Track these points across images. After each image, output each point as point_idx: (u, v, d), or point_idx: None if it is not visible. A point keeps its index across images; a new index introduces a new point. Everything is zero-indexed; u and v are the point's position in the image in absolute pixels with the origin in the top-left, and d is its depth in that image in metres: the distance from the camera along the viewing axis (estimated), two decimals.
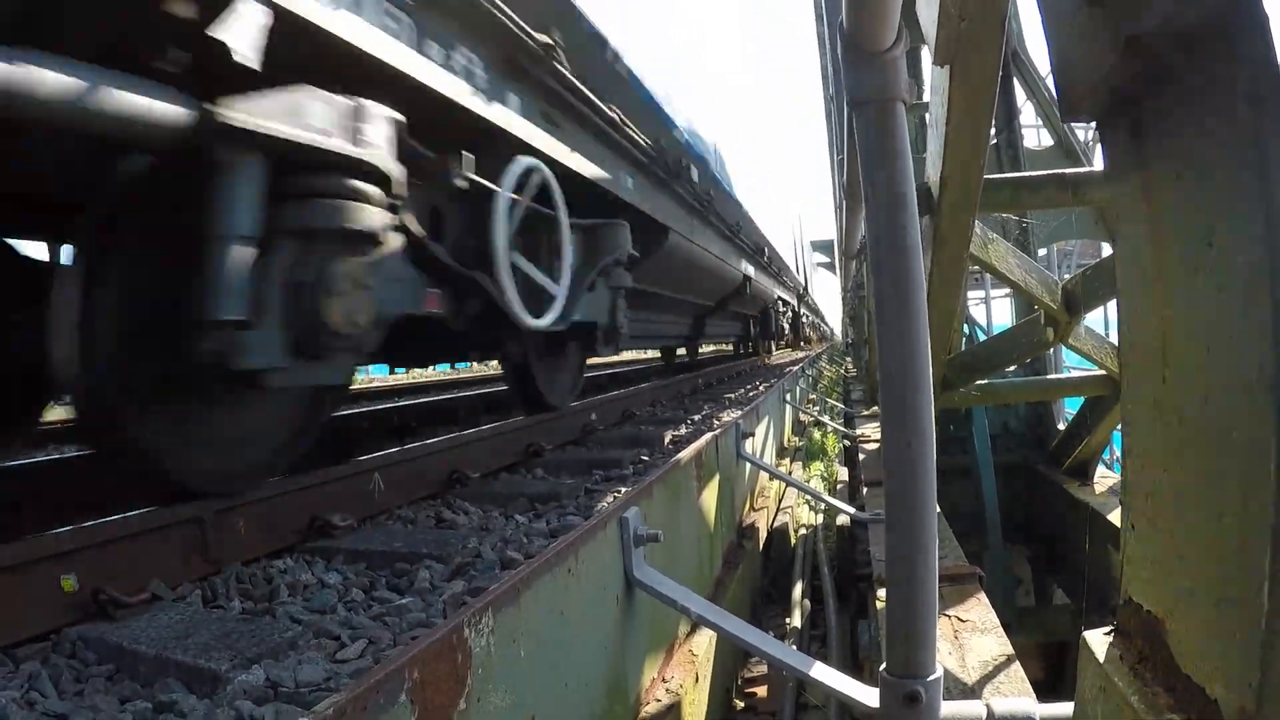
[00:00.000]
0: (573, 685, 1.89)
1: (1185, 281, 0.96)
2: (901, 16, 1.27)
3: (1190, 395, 0.97)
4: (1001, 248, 3.96)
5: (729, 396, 8.59)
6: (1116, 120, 1.12)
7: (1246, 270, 0.82)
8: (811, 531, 5.54)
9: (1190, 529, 0.98)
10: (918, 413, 1.36)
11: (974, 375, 4.50)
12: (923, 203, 3.22)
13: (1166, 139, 0.97)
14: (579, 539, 1.99)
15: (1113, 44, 0.97)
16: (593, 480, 4.02)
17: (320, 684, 1.77)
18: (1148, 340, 1.07)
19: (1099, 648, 1.18)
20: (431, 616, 2.17)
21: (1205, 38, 0.87)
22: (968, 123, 2.78)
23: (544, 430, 5.04)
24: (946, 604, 2.74)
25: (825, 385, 16.45)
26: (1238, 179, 0.83)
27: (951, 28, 2.37)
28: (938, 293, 3.45)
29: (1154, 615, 1.06)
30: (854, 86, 1.34)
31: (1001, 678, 2.19)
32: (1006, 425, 7.61)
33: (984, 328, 10.46)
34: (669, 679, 2.55)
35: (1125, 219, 1.12)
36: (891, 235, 1.34)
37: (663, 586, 2.24)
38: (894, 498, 1.41)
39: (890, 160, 1.32)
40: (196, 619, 2.11)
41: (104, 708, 1.69)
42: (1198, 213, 0.92)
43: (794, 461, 7.80)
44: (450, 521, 3.27)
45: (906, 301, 1.34)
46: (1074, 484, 6.07)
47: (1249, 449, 0.84)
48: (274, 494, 2.88)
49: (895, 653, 1.50)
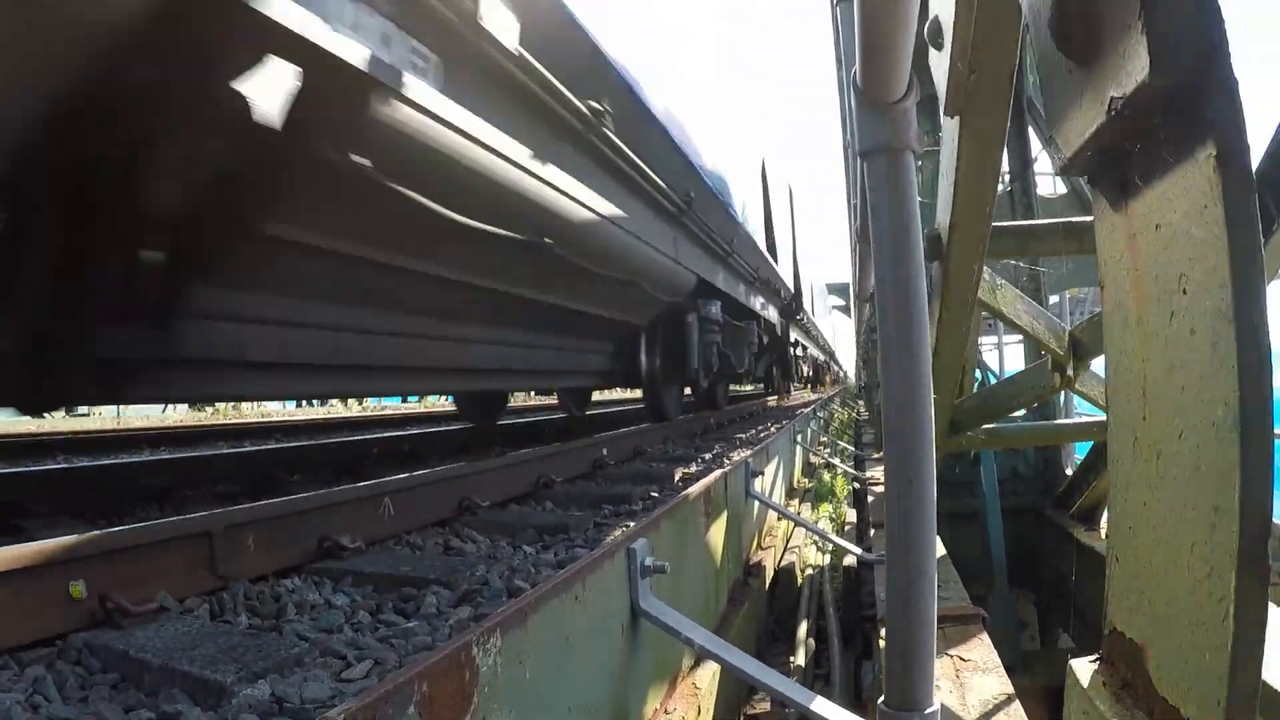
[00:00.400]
0: (576, 710, 1.92)
1: (1162, 325, 1.02)
2: (914, 66, 1.34)
3: (1167, 432, 1.02)
4: (1010, 294, 4.01)
5: (740, 436, 8.60)
6: (1105, 175, 1.18)
7: (1214, 314, 0.88)
8: (818, 571, 5.53)
9: (1166, 559, 1.02)
10: (920, 451, 1.40)
11: (982, 419, 4.53)
12: (932, 248, 3.28)
13: (1146, 192, 1.03)
14: (587, 567, 2.02)
15: (1099, 105, 1.04)
16: (602, 514, 4.04)
17: (325, 701, 1.79)
18: (1130, 381, 1.12)
19: (1084, 675, 1.22)
20: (437, 640, 2.19)
21: (1179, 100, 0.93)
22: (976, 171, 2.85)
23: (554, 463, 5.08)
24: (949, 644, 2.76)
25: (837, 428, 16.37)
26: (1205, 230, 0.89)
27: (961, 80, 2.45)
28: (945, 337, 3.50)
29: (1135, 643, 1.10)
30: (865, 135, 1.40)
31: (1000, 717, 2.21)
32: (1015, 470, 7.61)
33: (995, 373, 10.47)
34: (671, 710, 2.57)
35: (1110, 266, 1.17)
36: (897, 280, 1.39)
37: (668, 618, 2.27)
38: (895, 532, 1.45)
39: (898, 208, 1.38)
40: (203, 631, 2.13)
41: (108, 715, 1.70)
42: (1173, 261, 0.98)
43: (803, 502, 7.79)
44: (458, 549, 3.30)
45: (911, 344, 1.39)
46: (1080, 529, 6.07)
47: (1216, 481, 0.89)
48: (284, 513, 2.92)
49: (893, 686, 1.52)
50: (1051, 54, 1.21)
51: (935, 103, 2.78)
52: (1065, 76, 1.17)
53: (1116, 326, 1.18)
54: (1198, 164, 0.90)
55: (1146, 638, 1.08)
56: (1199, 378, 0.93)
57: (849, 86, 1.43)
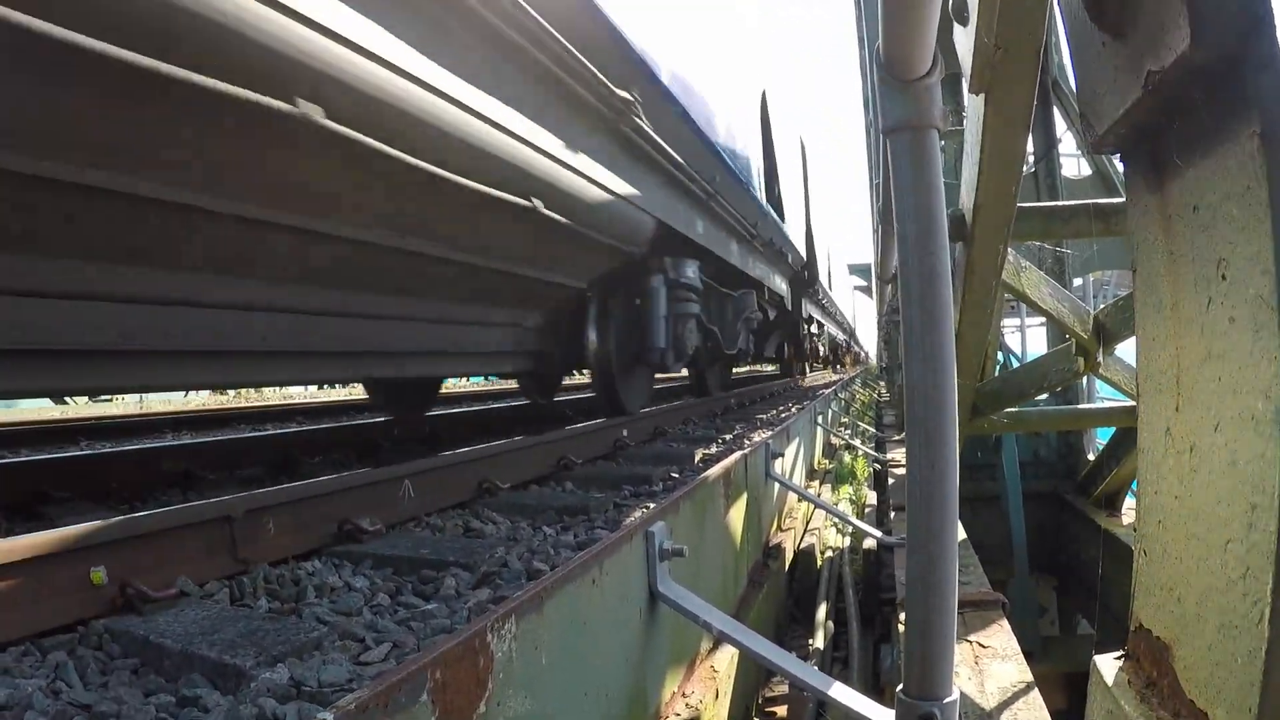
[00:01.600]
0: (593, 695, 1.92)
1: (1198, 312, 0.98)
2: (938, 44, 1.30)
3: (1202, 424, 0.98)
4: (1034, 276, 3.95)
5: (761, 417, 8.57)
6: (1138, 153, 1.14)
7: (1256, 302, 0.84)
8: (838, 554, 5.52)
9: (1198, 556, 0.99)
10: (942, 435, 1.38)
11: (1004, 403, 4.48)
12: (956, 230, 3.23)
13: (1184, 172, 0.99)
14: (604, 550, 2.01)
15: (1135, 79, 0.99)
16: (621, 495, 4.03)
17: (343, 684, 1.79)
18: (1163, 369, 1.08)
19: (1109, 672, 1.19)
20: (456, 623, 2.19)
21: (1220, 75, 0.89)
22: (1002, 151, 2.80)
23: (574, 444, 5.07)
24: (969, 630, 2.73)
25: (858, 409, 16.29)
26: (1248, 213, 0.85)
27: (987, 56, 2.39)
28: (968, 319, 3.45)
29: (1162, 640, 1.07)
30: (888, 113, 1.37)
31: (1020, 705, 2.19)
32: (1037, 453, 7.55)
33: (1019, 355, 10.37)
34: (689, 694, 2.57)
35: (1144, 249, 1.13)
36: (921, 261, 1.36)
37: (686, 601, 2.26)
38: (916, 519, 1.43)
39: (922, 187, 1.35)
40: (223, 616, 2.14)
41: (128, 700, 1.71)
42: (1211, 245, 0.94)
43: (823, 484, 7.77)
44: (478, 531, 3.30)
45: (934, 326, 1.36)
46: (1102, 514, 6.02)
47: (1253, 476, 0.85)
48: (304, 496, 2.93)
49: (912, 674, 1.51)
50: (1083, 26, 1.17)
51: (959, 81, 2.73)
52: (1098, 50, 1.13)
53: (1149, 312, 1.14)
54: (1240, 143, 0.86)
55: (1174, 637, 1.05)
56: (1237, 368, 0.89)
57: (872, 62, 1.40)
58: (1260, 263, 0.83)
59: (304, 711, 1.66)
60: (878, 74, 1.37)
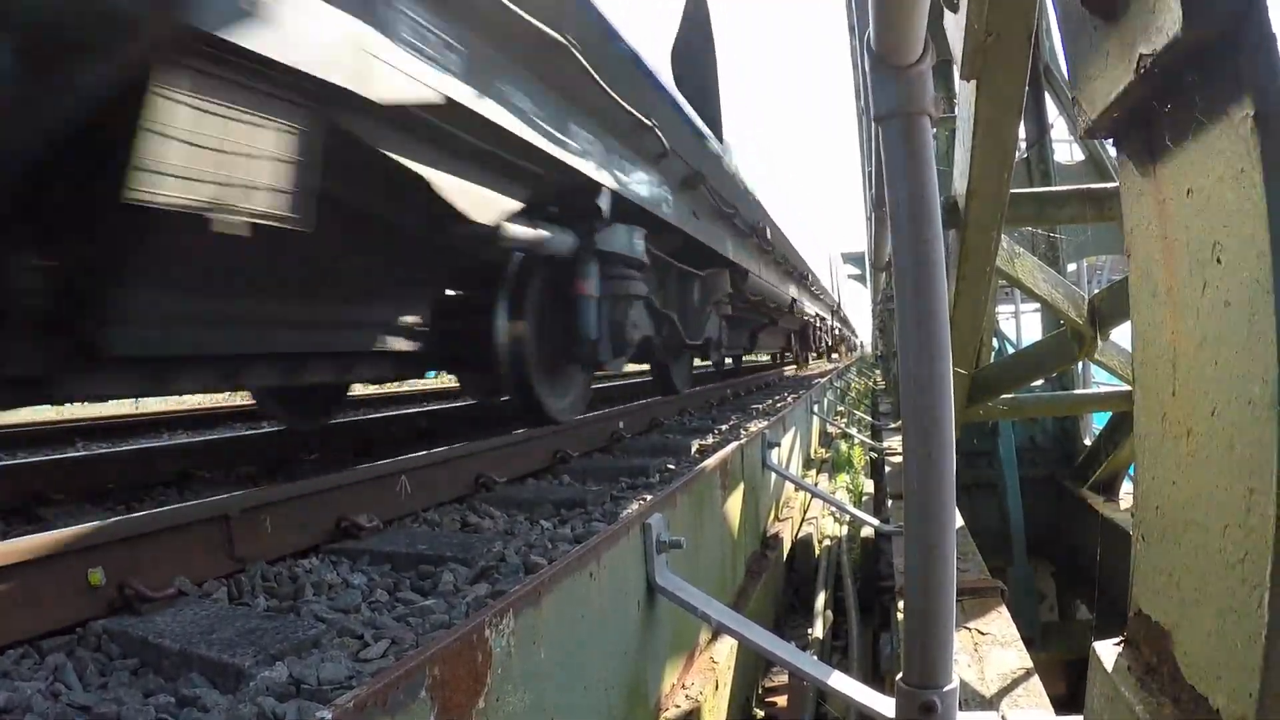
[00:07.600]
0: (592, 688, 1.92)
1: (1194, 296, 0.97)
2: (929, 30, 1.29)
3: (1199, 409, 0.98)
4: (1028, 262, 3.95)
5: (756, 407, 8.57)
6: (1132, 137, 1.13)
7: (1251, 285, 0.84)
8: (836, 543, 5.53)
9: (1196, 541, 0.99)
10: (939, 423, 1.38)
11: (1000, 389, 4.48)
12: (949, 216, 3.22)
13: (1177, 156, 0.99)
14: (601, 544, 2.01)
15: (1127, 63, 0.99)
16: (619, 487, 4.03)
17: (342, 682, 1.79)
18: (1159, 354, 1.08)
19: (1108, 658, 1.19)
20: (454, 618, 2.19)
21: (1213, 56, 0.88)
22: (994, 137, 2.79)
23: (571, 437, 5.07)
24: (968, 617, 2.74)
25: (854, 398, 16.32)
26: (1242, 196, 0.84)
27: (978, 42, 2.39)
28: (963, 306, 3.45)
29: (1161, 626, 1.07)
30: (880, 100, 1.36)
31: (1019, 691, 2.19)
32: (1033, 439, 7.56)
33: (1014, 342, 10.38)
34: (689, 685, 2.57)
35: (1138, 234, 1.13)
36: (915, 248, 1.36)
37: (685, 593, 2.26)
38: (914, 508, 1.43)
39: (915, 173, 1.35)
40: (221, 615, 2.14)
41: (128, 700, 1.71)
42: (1205, 229, 0.94)
43: (820, 473, 7.78)
44: (475, 525, 3.30)
45: (929, 313, 1.36)
46: (1100, 500, 6.03)
47: (1251, 461, 0.85)
48: (301, 494, 2.92)
49: (912, 663, 1.51)
50: (1075, 10, 1.16)
51: (950, 68, 2.72)
52: (1090, 34, 1.13)
53: (1144, 297, 1.13)
54: (1233, 125, 0.86)
55: (1173, 622, 1.05)
56: (1234, 352, 0.89)
57: (863, 49, 1.39)
58: (1255, 246, 0.83)
59: (303, 710, 1.66)
60: (869, 61, 1.36)
